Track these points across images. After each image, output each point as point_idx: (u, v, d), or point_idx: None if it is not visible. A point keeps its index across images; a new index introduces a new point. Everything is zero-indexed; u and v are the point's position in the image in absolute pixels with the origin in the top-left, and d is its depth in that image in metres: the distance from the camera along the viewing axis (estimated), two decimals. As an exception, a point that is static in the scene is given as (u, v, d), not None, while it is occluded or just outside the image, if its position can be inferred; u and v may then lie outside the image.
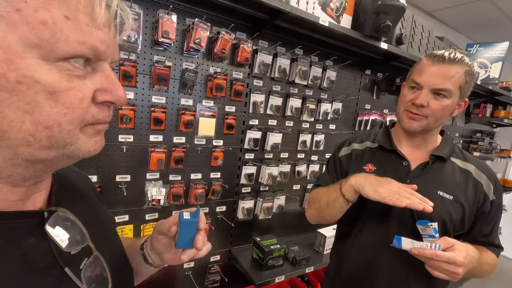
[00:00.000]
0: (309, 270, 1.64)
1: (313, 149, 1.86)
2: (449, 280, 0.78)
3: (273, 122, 1.66)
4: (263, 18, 1.34)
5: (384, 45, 1.62)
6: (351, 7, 1.51)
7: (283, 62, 1.57)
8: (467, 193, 0.90)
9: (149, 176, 1.32)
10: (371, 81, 2.08)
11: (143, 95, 1.23)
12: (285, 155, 1.76)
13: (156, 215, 1.39)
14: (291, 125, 1.74)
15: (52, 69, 0.28)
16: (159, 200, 1.31)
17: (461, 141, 3.35)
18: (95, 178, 1.20)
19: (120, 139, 1.22)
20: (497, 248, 0.95)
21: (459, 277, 0.75)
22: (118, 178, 1.25)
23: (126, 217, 1.30)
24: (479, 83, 2.43)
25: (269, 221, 1.81)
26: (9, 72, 0.26)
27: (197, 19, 1.21)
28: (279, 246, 1.55)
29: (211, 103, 1.41)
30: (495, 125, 3.57)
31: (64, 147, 0.32)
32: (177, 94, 1.31)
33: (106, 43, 0.32)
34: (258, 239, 1.57)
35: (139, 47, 1.16)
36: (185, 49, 1.27)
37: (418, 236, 0.84)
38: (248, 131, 1.56)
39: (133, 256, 0.60)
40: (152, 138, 1.29)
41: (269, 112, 1.61)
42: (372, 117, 2.09)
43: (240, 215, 1.64)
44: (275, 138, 1.65)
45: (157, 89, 1.24)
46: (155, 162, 1.29)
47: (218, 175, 1.52)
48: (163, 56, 1.24)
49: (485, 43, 2.66)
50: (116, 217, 1.27)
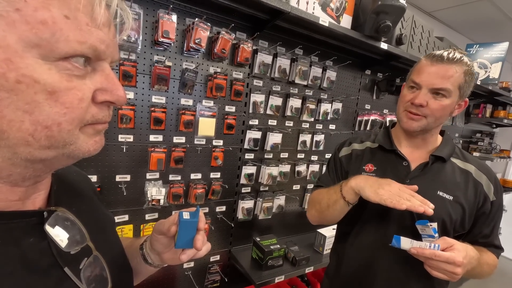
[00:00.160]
0: (309, 270, 1.64)
1: (313, 149, 1.86)
2: (448, 280, 0.78)
3: (273, 122, 1.66)
4: (263, 18, 1.34)
5: (384, 45, 1.62)
6: (351, 7, 1.51)
7: (283, 62, 1.57)
8: (467, 194, 0.90)
9: (149, 176, 1.32)
10: (371, 81, 2.08)
11: (143, 95, 1.23)
12: (285, 155, 1.76)
13: (156, 215, 1.39)
14: (291, 125, 1.74)
15: (51, 68, 0.28)
16: (159, 200, 1.30)
17: (461, 141, 3.35)
18: (95, 178, 1.20)
19: (120, 139, 1.21)
20: (497, 249, 0.95)
21: (458, 277, 0.75)
22: (118, 178, 1.25)
23: (126, 217, 1.30)
24: (479, 83, 2.43)
25: (269, 221, 1.81)
26: (8, 71, 0.26)
27: (197, 19, 1.21)
28: (279, 246, 1.55)
29: (211, 103, 1.41)
30: (494, 126, 3.57)
31: (63, 146, 0.32)
32: (177, 94, 1.31)
33: (106, 42, 0.32)
34: (258, 239, 1.57)
35: (139, 47, 1.16)
36: (185, 49, 1.27)
37: (417, 236, 0.84)
38: (248, 131, 1.56)
39: (132, 256, 0.60)
40: (152, 138, 1.29)
41: (269, 112, 1.61)
42: (372, 117, 2.09)
43: (240, 215, 1.64)
44: (275, 138, 1.65)
45: (157, 89, 1.24)
46: (155, 162, 1.29)
47: (218, 175, 1.52)
48: (163, 56, 1.24)
49: (485, 43, 2.66)
50: (116, 217, 1.27)
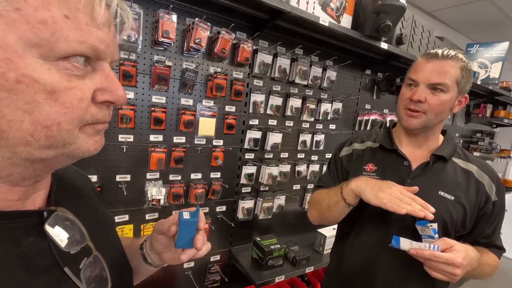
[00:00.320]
0: (309, 270, 1.63)
1: (313, 149, 1.86)
2: (448, 281, 0.78)
3: (273, 122, 1.66)
4: (263, 18, 1.34)
5: (384, 45, 1.62)
6: (351, 7, 1.51)
7: (283, 62, 1.57)
8: (469, 194, 0.89)
9: (149, 176, 1.32)
10: (371, 81, 2.08)
11: (143, 95, 1.23)
12: (285, 155, 1.76)
13: (156, 215, 1.39)
14: (291, 125, 1.74)
15: (51, 68, 0.28)
16: (159, 200, 1.30)
17: (461, 141, 3.35)
18: (95, 178, 1.19)
19: (120, 139, 1.21)
20: (499, 249, 0.94)
21: (458, 278, 0.75)
22: (118, 178, 1.25)
23: (126, 217, 1.30)
24: (479, 83, 2.43)
25: (269, 221, 1.81)
26: (8, 71, 0.26)
27: (197, 19, 1.21)
28: (279, 246, 1.54)
29: (211, 103, 1.41)
30: (495, 125, 3.57)
31: (63, 146, 0.31)
32: (177, 94, 1.31)
33: (106, 42, 0.32)
34: (258, 239, 1.57)
35: (139, 47, 1.16)
36: (185, 49, 1.27)
37: (417, 236, 0.83)
38: (248, 131, 1.56)
39: (132, 255, 0.60)
40: (152, 138, 1.29)
41: (269, 112, 1.61)
42: (372, 117, 2.09)
43: (240, 215, 1.64)
44: (275, 138, 1.65)
45: (157, 89, 1.24)
46: (155, 162, 1.29)
47: (218, 175, 1.52)
48: (163, 56, 1.24)
49: (485, 43, 2.66)
50: (116, 217, 1.27)
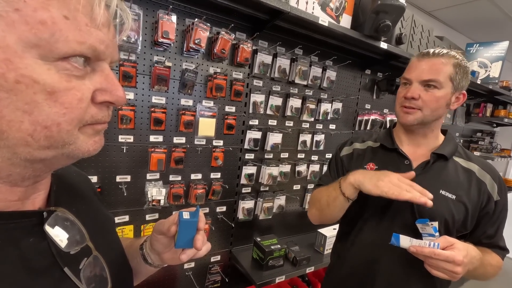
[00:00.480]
0: (310, 270, 1.63)
1: (313, 149, 1.86)
2: (449, 279, 0.77)
3: (273, 122, 1.66)
4: (263, 18, 1.34)
5: (384, 45, 1.62)
6: (350, 7, 1.51)
7: (283, 62, 1.57)
8: (470, 193, 0.89)
9: (149, 176, 1.32)
10: (371, 81, 2.08)
11: (143, 95, 1.23)
12: (285, 155, 1.76)
13: (156, 216, 1.39)
14: (291, 125, 1.74)
15: (51, 69, 0.28)
16: (159, 200, 1.30)
17: (461, 140, 3.35)
18: (95, 178, 1.20)
19: (120, 140, 1.21)
20: (502, 250, 0.93)
21: (459, 276, 0.74)
22: (118, 178, 1.25)
23: (126, 218, 1.30)
24: (479, 82, 2.43)
25: (270, 221, 1.81)
26: (7, 71, 0.26)
27: (196, 20, 1.21)
28: (279, 246, 1.54)
29: (211, 103, 1.41)
30: (495, 125, 3.56)
31: (63, 147, 0.32)
32: (177, 94, 1.31)
33: (105, 43, 0.32)
34: (258, 239, 1.57)
35: (139, 48, 1.16)
36: (185, 49, 1.27)
37: (418, 235, 0.83)
38: (248, 131, 1.56)
39: (132, 256, 0.60)
40: (152, 138, 1.29)
41: (269, 112, 1.61)
42: (372, 117, 2.09)
43: (240, 215, 1.64)
44: (275, 138, 1.65)
45: (157, 89, 1.24)
46: (155, 162, 1.29)
47: (218, 175, 1.52)
48: (163, 56, 1.24)
49: (485, 42, 2.66)
50: (116, 218, 1.27)
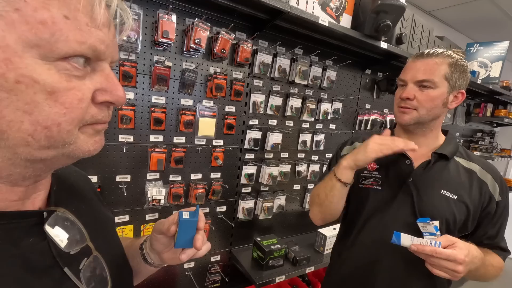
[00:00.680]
0: (310, 270, 1.63)
1: (313, 149, 1.86)
2: (450, 278, 0.77)
3: (273, 122, 1.66)
4: (263, 18, 1.34)
5: (384, 45, 1.62)
6: (350, 6, 1.51)
7: (283, 62, 1.57)
8: (472, 193, 0.89)
9: (149, 176, 1.32)
10: (371, 80, 2.08)
11: (143, 95, 1.23)
12: (285, 155, 1.76)
13: (156, 215, 1.39)
14: (291, 125, 1.74)
15: (51, 69, 0.28)
16: (159, 200, 1.30)
17: (462, 140, 3.34)
18: (95, 178, 1.20)
19: (120, 139, 1.21)
20: (503, 251, 0.93)
21: (460, 275, 0.74)
22: (118, 178, 1.25)
23: (126, 217, 1.30)
24: (479, 82, 2.43)
25: (270, 221, 1.81)
26: (7, 71, 0.26)
27: (196, 19, 1.21)
28: (279, 246, 1.54)
29: (211, 103, 1.41)
30: (495, 125, 3.56)
31: (63, 146, 0.32)
32: (177, 94, 1.31)
33: (105, 43, 0.32)
34: (258, 239, 1.57)
35: (139, 47, 1.16)
36: (185, 49, 1.27)
37: (419, 235, 0.83)
38: (248, 131, 1.56)
39: (132, 256, 0.60)
40: (152, 138, 1.29)
41: (269, 112, 1.61)
42: (372, 117, 2.09)
43: (240, 215, 1.64)
44: (275, 138, 1.65)
45: (157, 89, 1.24)
46: (155, 162, 1.29)
47: (218, 175, 1.52)
48: (163, 56, 1.24)
49: (485, 42, 2.65)
50: (116, 217, 1.27)
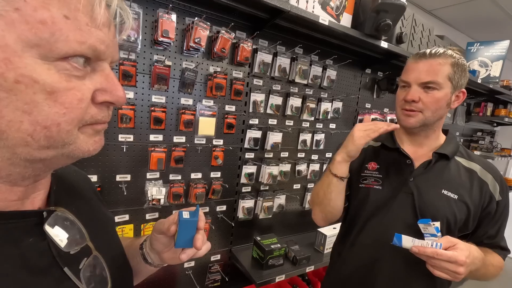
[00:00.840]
0: (310, 269, 1.63)
1: (313, 148, 1.86)
2: (451, 280, 0.77)
3: (273, 121, 1.66)
4: (263, 17, 1.34)
5: (384, 44, 1.61)
6: (351, 6, 1.51)
7: (283, 61, 1.56)
8: (472, 193, 0.89)
9: (149, 175, 1.32)
10: (371, 80, 2.07)
11: (143, 94, 1.23)
12: (285, 154, 1.76)
13: (156, 215, 1.39)
14: (291, 124, 1.74)
15: (51, 68, 0.28)
16: (159, 199, 1.31)
17: (462, 140, 3.34)
18: (95, 177, 1.20)
19: (120, 139, 1.21)
20: (503, 250, 0.93)
21: (461, 277, 0.74)
22: (118, 177, 1.25)
23: (126, 217, 1.30)
24: (479, 81, 2.42)
25: (270, 221, 1.81)
26: (7, 71, 0.26)
27: (196, 18, 1.21)
28: (279, 245, 1.55)
29: (211, 103, 1.40)
30: (495, 124, 3.55)
31: (63, 146, 0.31)
32: (177, 93, 1.31)
33: (105, 43, 0.32)
34: (258, 239, 1.57)
35: (139, 47, 1.15)
36: (184, 48, 1.27)
37: (420, 235, 0.83)
38: (248, 130, 1.56)
39: (132, 255, 0.60)
40: (152, 137, 1.29)
41: (269, 111, 1.61)
42: (372, 116, 2.09)
43: (240, 215, 1.65)
44: (275, 137, 1.65)
45: (157, 88, 1.24)
46: (155, 161, 1.29)
47: (218, 174, 1.52)
48: (163, 55, 1.24)
49: (485, 41, 2.65)
50: (116, 217, 1.27)
